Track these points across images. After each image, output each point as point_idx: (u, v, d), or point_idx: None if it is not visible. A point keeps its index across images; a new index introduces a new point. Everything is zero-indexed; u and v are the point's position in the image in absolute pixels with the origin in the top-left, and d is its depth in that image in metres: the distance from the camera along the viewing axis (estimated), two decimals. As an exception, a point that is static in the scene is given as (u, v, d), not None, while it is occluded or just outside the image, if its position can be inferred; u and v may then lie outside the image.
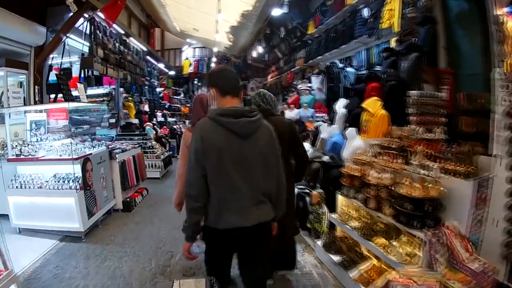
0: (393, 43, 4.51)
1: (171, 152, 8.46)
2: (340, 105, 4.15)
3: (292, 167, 2.49)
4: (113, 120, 7.95)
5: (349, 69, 6.71)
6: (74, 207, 3.82)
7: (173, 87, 14.27)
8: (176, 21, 10.49)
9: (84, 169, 3.93)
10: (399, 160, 2.57)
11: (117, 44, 6.45)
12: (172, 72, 11.49)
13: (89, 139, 4.98)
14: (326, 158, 3.30)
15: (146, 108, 10.03)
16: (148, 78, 9.76)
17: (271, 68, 11.31)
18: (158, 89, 13.24)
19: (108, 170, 4.61)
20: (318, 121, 6.80)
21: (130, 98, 8.27)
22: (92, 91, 8.20)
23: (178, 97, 14.59)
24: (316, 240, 3.22)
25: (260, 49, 9.94)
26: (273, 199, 1.69)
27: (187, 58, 13.91)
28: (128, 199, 4.91)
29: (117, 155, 4.75)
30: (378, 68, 4.69)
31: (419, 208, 2.28)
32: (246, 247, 1.67)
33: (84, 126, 5.53)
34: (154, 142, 7.73)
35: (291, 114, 6.89)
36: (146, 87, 9.61)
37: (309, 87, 7.58)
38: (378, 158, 2.84)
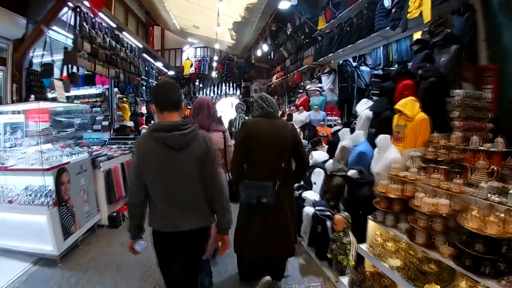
0: (417, 37, 3.90)
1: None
2: (363, 107, 3.51)
3: (292, 171, 2.47)
4: (106, 123, 7.34)
5: (363, 67, 6.08)
6: (46, 226, 3.20)
7: (173, 88, 13.67)
8: (175, 18, 9.92)
9: (58, 181, 3.31)
10: (457, 179, 1.92)
11: (107, 39, 5.82)
12: (171, 72, 10.89)
13: (73, 144, 4.34)
14: (352, 173, 2.64)
15: (143, 110, 9.42)
16: (145, 78, 9.17)
17: (276, 69, 10.70)
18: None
19: (91, 181, 3.98)
20: (330, 124, 6.19)
21: (125, 99, 7.67)
22: (83, 91, 7.63)
23: (178, 99, 14.01)
24: (339, 276, 2.57)
25: (264, 48, 9.33)
26: (213, 207, 1.82)
27: (188, 58, 13.33)
28: (114, 214, 4.28)
29: (101, 164, 4.12)
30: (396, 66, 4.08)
31: (493, 249, 1.64)
32: (179, 251, 1.81)
33: (69, 130, 4.88)
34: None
35: (300, 117, 6.24)
36: (143, 88, 9.01)
37: (320, 87, 6.95)
38: (423, 174, 2.20)
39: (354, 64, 6.12)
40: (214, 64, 13.06)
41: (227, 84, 13.61)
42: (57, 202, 3.24)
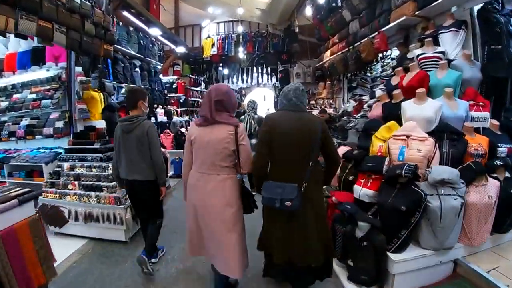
0: None
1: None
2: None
3: (322, 172, 2.27)
4: (60, 124, 4.48)
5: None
6: None
7: (190, 75, 10.72)
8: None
9: None
10: None
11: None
12: (181, 49, 7.89)
13: None
14: None
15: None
16: (138, 55, 6.24)
17: (331, 40, 7.27)
18: (166, 78, 9.83)
19: None
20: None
21: (96, 85, 4.73)
22: (32, 74, 4.85)
23: (197, 89, 11.06)
24: None
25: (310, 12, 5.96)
26: (152, 167, 2.77)
27: (208, 37, 10.27)
28: None
29: None
30: None
31: None
32: (136, 194, 2.89)
33: None
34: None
35: (422, 110, 2.89)
36: (137, 70, 6.07)
37: (441, 52, 3.53)
38: None
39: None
40: (240, 49, 9.87)
41: (260, 69, 10.39)
42: None
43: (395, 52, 5.33)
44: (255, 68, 10.37)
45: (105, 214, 3.45)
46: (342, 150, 3.46)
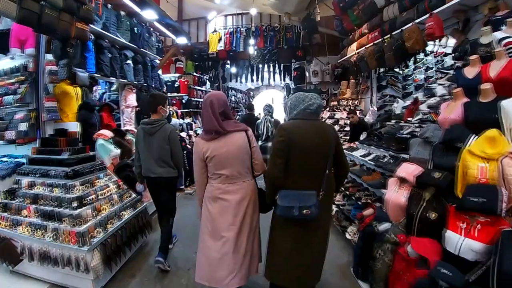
0: None
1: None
2: None
3: (333, 179, 2.20)
4: (24, 126, 3.48)
5: None
6: None
7: (194, 73, 9.73)
8: None
9: None
10: None
11: None
12: (182, 40, 6.88)
13: None
14: None
15: (131, 100, 5.48)
16: (132, 45, 5.26)
17: (358, 31, 6.21)
18: (167, 76, 8.86)
19: None
20: None
21: (64, 75, 3.68)
22: (-6, 62, 3.88)
23: (202, 88, 10.06)
24: None
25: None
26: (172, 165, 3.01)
27: (215, 31, 9.27)
28: None
29: None
30: None
31: None
32: (156, 189, 3.11)
33: None
34: (104, 182, 3.14)
35: None
36: (128, 63, 5.09)
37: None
38: None
39: None
40: (251, 41, 8.87)
41: (271, 67, 9.36)
42: None
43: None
44: (266, 66, 9.34)
45: (65, 257, 2.43)
46: (407, 169, 2.41)
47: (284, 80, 9.60)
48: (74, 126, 3.59)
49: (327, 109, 7.15)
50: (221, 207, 2.17)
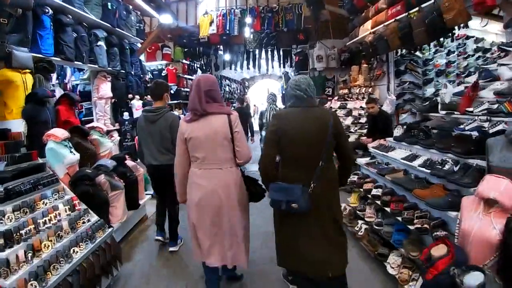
0: None
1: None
2: None
3: (335, 169, 2.13)
4: None
5: None
6: None
7: (183, 60, 8.75)
8: None
9: None
10: None
11: None
12: (167, 19, 5.88)
13: None
14: None
15: (106, 87, 4.55)
16: (105, 24, 4.32)
17: (373, 7, 5.31)
18: (153, 64, 7.93)
19: None
20: None
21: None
22: None
23: (192, 77, 9.11)
24: None
25: None
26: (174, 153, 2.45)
27: (206, 13, 8.26)
28: None
29: None
30: None
31: None
32: (159, 177, 3.06)
33: None
34: (51, 202, 2.26)
35: None
36: (98, 44, 4.15)
37: None
38: None
39: None
40: (248, 20, 7.92)
41: (270, 53, 8.43)
42: None
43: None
44: (263, 52, 8.41)
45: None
46: (497, 185, 1.60)
47: (284, 67, 8.69)
48: (18, 125, 2.68)
49: (336, 98, 6.29)
50: (199, 195, 2.14)
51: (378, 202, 2.81)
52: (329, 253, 1.96)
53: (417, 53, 5.75)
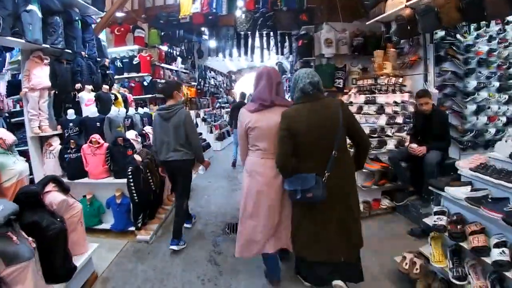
0: None
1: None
2: None
3: (350, 157, 2.17)
4: None
5: None
6: None
7: (160, 46, 7.21)
8: None
9: None
10: None
11: None
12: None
13: None
14: None
15: (42, 73, 3.05)
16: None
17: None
18: (122, 49, 6.44)
19: None
20: None
21: None
22: None
23: (171, 67, 7.58)
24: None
25: None
26: (188, 148, 3.01)
27: (188, -12, 6.76)
28: None
29: None
30: None
31: None
32: (172, 172, 3.15)
33: None
34: None
35: None
36: (38, 14, 2.69)
37: None
38: None
39: None
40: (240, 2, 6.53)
41: (265, 37, 7.05)
42: None
43: None
44: (257, 36, 7.01)
45: None
46: None
47: (282, 54, 7.34)
48: None
49: (354, 90, 5.01)
50: (257, 182, 2.21)
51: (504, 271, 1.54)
52: (342, 237, 2.02)
53: (458, 36, 4.56)
